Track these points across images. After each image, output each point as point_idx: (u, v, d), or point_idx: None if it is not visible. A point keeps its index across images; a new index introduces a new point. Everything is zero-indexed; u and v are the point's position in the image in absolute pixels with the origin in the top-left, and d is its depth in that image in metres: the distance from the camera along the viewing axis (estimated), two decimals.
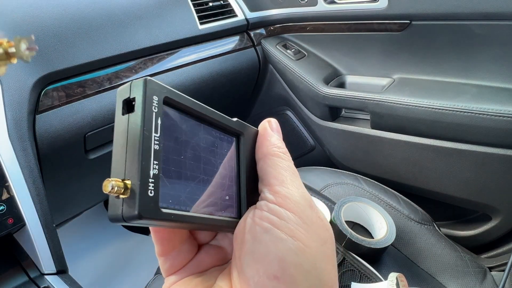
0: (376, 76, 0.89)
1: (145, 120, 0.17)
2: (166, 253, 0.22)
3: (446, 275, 0.63)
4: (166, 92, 0.18)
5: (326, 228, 0.21)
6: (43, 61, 0.62)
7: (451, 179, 0.78)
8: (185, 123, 0.20)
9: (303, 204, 0.20)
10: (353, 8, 0.83)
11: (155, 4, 0.80)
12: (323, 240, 0.20)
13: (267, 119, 0.25)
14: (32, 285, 0.55)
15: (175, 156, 0.19)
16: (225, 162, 0.22)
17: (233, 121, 0.23)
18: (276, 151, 0.22)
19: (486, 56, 0.71)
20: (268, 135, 0.24)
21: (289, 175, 0.21)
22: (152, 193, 0.16)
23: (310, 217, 0.20)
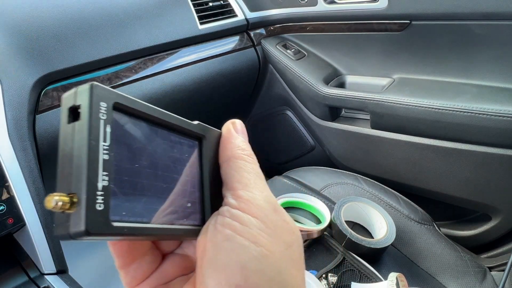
0: (376, 76, 0.89)
1: (91, 128, 0.16)
2: (126, 265, 0.21)
3: (446, 275, 0.63)
4: (115, 98, 0.17)
5: (291, 231, 0.21)
6: (43, 61, 0.62)
7: (451, 179, 0.78)
8: (139, 129, 0.19)
9: (266, 208, 0.20)
10: (353, 8, 0.83)
11: (155, 4, 0.80)
12: (288, 244, 0.20)
13: (231, 120, 0.24)
14: (32, 285, 0.55)
15: (129, 165, 0.17)
16: (186, 168, 0.21)
17: (194, 124, 0.22)
18: (240, 154, 0.22)
19: (486, 56, 0.71)
20: (232, 137, 0.23)
21: (253, 178, 0.21)
22: (102, 206, 0.15)
23: (274, 221, 0.20)
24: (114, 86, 0.71)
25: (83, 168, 0.15)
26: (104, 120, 0.16)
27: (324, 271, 0.59)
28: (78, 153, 0.16)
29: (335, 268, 0.60)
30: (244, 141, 0.23)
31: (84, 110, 0.16)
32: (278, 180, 0.83)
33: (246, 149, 0.22)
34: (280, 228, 0.20)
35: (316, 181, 0.82)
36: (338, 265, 0.61)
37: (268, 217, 0.19)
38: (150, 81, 0.77)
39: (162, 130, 0.20)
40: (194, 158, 0.22)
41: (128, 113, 0.18)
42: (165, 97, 0.80)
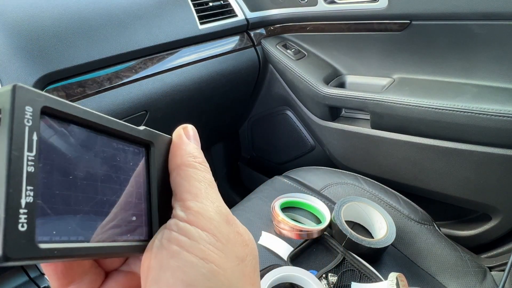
0: (376, 76, 0.89)
1: (13, 136, 0.13)
2: (63, 287, 0.19)
3: (446, 275, 0.63)
4: (43, 101, 0.15)
5: (245, 243, 0.19)
6: (43, 61, 0.62)
7: (451, 179, 0.78)
8: (74, 136, 0.17)
9: (218, 219, 0.18)
10: (353, 8, 0.83)
11: (155, 4, 0.80)
12: (241, 258, 0.18)
13: (183, 125, 0.22)
14: (32, 285, 0.55)
15: (60, 177, 0.15)
16: (131, 178, 0.19)
17: (139, 130, 0.20)
18: (190, 161, 0.20)
19: (486, 56, 0.71)
20: (183, 143, 0.21)
21: (204, 187, 0.19)
22: (25, 226, 0.13)
23: (226, 233, 0.18)
24: (114, 86, 0.71)
25: (2, 182, 0.13)
26: (29, 126, 0.14)
27: (324, 271, 0.59)
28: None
29: (335, 268, 0.60)
30: (196, 148, 0.21)
31: (5, 115, 0.14)
32: (278, 180, 0.83)
33: (197, 156, 0.21)
34: (233, 241, 0.18)
35: (316, 181, 0.82)
36: (338, 265, 0.61)
37: (220, 229, 0.18)
38: (150, 81, 0.77)
39: (102, 136, 0.18)
40: (141, 166, 0.20)
41: (60, 118, 0.16)
42: (165, 97, 0.80)
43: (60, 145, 0.16)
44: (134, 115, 0.75)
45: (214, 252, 0.17)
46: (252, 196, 0.79)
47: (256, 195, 0.79)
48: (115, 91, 0.71)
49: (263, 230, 0.68)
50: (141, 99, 0.75)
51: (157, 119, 0.81)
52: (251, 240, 0.20)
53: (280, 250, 0.63)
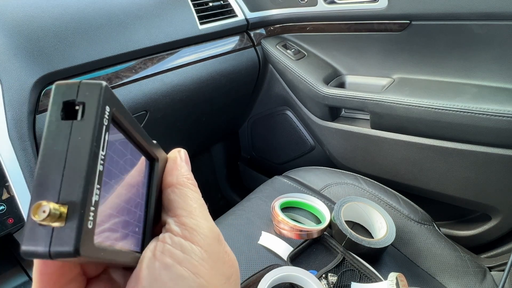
0: (376, 76, 0.89)
1: (95, 132, 0.14)
2: None
3: (446, 275, 0.63)
4: (117, 104, 0.16)
5: (231, 263, 0.20)
6: (43, 61, 0.62)
7: (451, 179, 0.78)
8: (120, 142, 0.17)
9: (210, 237, 0.19)
10: (353, 8, 0.83)
11: (155, 4, 0.80)
12: (227, 277, 0.19)
13: (177, 149, 0.24)
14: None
15: (109, 180, 0.16)
16: (138, 187, 0.20)
17: (154, 144, 0.21)
18: (185, 182, 0.21)
19: (486, 56, 0.71)
20: (179, 164, 0.22)
21: (198, 207, 0.20)
22: (91, 224, 0.14)
23: (216, 252, 0.19)
24: (114, 86, 0.71)
25: (80, 175, 0.13)
26: (105, 126, 0.15)
27: (324, 271, 0.59)
28: (75, 158, 0.13)
29: (335, 268, 0.60)
30: (188, 171, 0.23)
31: (92, 111, 0.14)
32: (278, 180, 0.83)
33: (190, 178, 0.22)
34: (222, 260, 0.19)
35: (316, 181, 0.82)
36: (338, 265, 0.61)
37: (211, 247, 0.19)
38: (150, 81, 0.77)
39: (133, 145, 0.19)
40: (145, 178, 0.21)
41: (117, 122, 0.16)
42: (165, 97, 0.80)
43: (114, 148, 0.16)
44: (134, 115, 0.75)
45: (205, 267, 0.18)
46: (252, 196, 0.79)
47: (256, 195, 0.79)
48: (115, 91, 0.71)
49: (263, 230, 0.68)
50: (141, 99, 0.75)
51: (157, 119, 0.81)
52: (236, 261, 0.21)
53: (280, 250, 0.63)
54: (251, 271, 0.59)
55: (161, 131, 0.88)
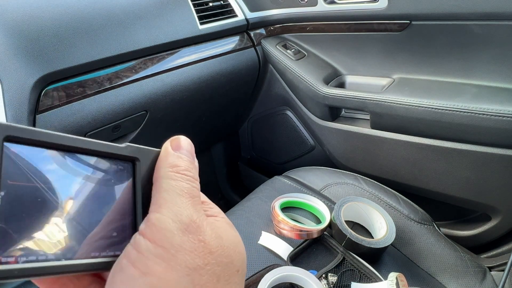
0: (376, 76, 0.89)
1: None
2: None
3: (446, 275, 0.63)
4: (5, 130, 0.15)
5: (208, 251, 0.18)
6: (43, 61, 0.62)
7: (451, 179, 0.78)
8: (45, 161, 0.17)
9: (172, 229, 0.18)
10: (353, 8, 0.83)
11: (155, 4, 0.80)
12: (193, 268, 0.18)
13: (173, 137, 0.23)
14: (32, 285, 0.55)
15: (29, 201, 0.16)
16: (114, 194, 0.20)
17: (120, 147, 0.20)
18: (167, 172, 0.20)
19: (486, 56, 0.71)
20: (167, 155, 0.21)
21: (171, 197, 0.19)
22: None
23: (178, 243, 0.18)
24: (114, 86, 0.71)
25: None
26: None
27: (324, 271, 0.59)
28: None
29: (335, 268, 0.60)
30: (179, 157, 0.21)
31: None
32: (278, 180, 0.83)
33: (179, 165, 0.21)
34: (187, 250, 0.18)
35: (316, 181, 0.82)
36: (338, 265, 0.61)
37: (171, 239, 0.18)
38: (150, 81, 0.77)
39: (78, 158, 0.19)
40: (125, 183, 0.21)
41: (30, 144, 0.17)
42: (165, 97, 0.80)
43: (28, 171, 0.16)
44: (134, 115, 0.75)
45: (158, 264, 0.17)
46: (252, 196, 0.79)
47: (256, 195, 0.79)
48: (115, 91, 0.71)
49: (263, 230, 0.68)
50: (141, 99, 0.75)
51: (157, 119, 0.81)
52: (219, 248, 0.19)
53: (280, 250, 0.63)
54: (251, 271, 0.59)
55: (161, 131, 0.88)
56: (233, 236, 0.21)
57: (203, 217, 0.20)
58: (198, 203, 0.20)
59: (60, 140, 0.18)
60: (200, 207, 0.20)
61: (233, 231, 0.22)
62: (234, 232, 0.22)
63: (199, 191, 0.21)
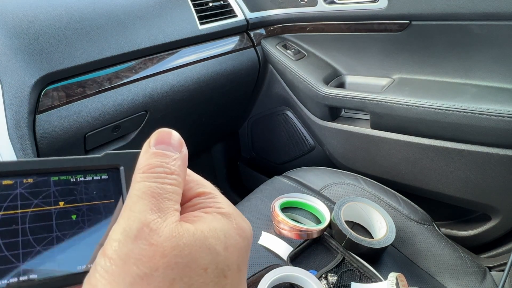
0: (375, 76, 0.89)
1: None
2: None
3: (446, 275, 0.63)
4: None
5: (160, 255, 0.17)
6: (43, 61, 0.62)
7: (451, 179, 0.78)
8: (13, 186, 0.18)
9: (119, 238, 0.17)
10: (353, 8, 0.83)
11: (155, 4, 0.80)
12: (142, 275, 0.16)
13: (154, 132, 0.21)
14: None
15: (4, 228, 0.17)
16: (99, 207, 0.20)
17: (97, 158, 0.20)
18: (136, 175, 0.19)
19: (486, 56, 0.71)
20: (142, 154, 0.20)
21: (131, 203, 0.18)
22: None
23: (125, 252, 0.16)
24: (114, 86, 0.71)
25: None
26: None
27: (324, 271, 0.59)
28: None
29: (335, 268, 0.60)
30: (154, 154, 0.20)
31: None
32: (278, 180, 0.83)
33: (150, 163, 0.19)
34: (135, 258, 0.16)
35: (316, 181, 0.82)
36: (338, 265, 0.61)
37: (118, 250, 0.17)
38: (150, 81, 0.77)
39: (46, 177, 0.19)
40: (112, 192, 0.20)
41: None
42: (165, 97, 0.80)
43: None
44: (134, 115, 0.75)
45: (103, 277, 0.16)
46: (252, 196, 0.79)
47: (256, 195, 0.79)
48: (115, 91, 0.71)
49: (263, 230, 0.68)
50: (141, 99, 0.75)
51: (157, 119, 0.81)
52: (177, 246, 0.17)
53: (280, 250, 0.63)
54: (251, 271, 0.59)
55: None
56: (206, 230, 0.18)
57: (165, 216, 0.18)
58: (164, 200, 0.18)
59: (28, 166, 0.18)
60: (165, 206, 0.18)
61: (218, 222, 0.19)
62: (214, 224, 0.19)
63: (172, 186, 0.19)
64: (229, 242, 0.19)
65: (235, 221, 0.20)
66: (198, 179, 0.22)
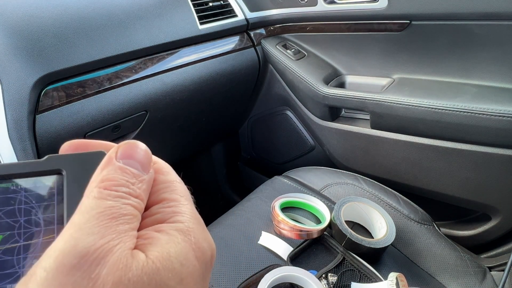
0: (376, 76, 0.89)
1: None
2: None
3: (446, 275, 0.63)
4: None
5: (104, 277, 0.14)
6: (43, 61, 0.62)
7: (451, 179, 0.78)
8: None
9: (52, 264, 0.14)
10: (353, 8, 0.83)
11: (155, 4, 0.80)
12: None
13: (124, 142, 0.18)
14: None
15: None
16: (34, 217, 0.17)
17: (39, 162, 0.18)
18: (94, 188, 0.16)
19: (486, 56, 0.71)
20: (105, 165, 0.17)
21: (82, 220, 0.15)
22: None
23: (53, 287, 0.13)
24: (114, 86, 0.71)
25: None
26: None
27: (324, 271, 0.59)
28: None
29: (335, 268, 0.60)
30: (121, 169, 0.17)
31: None
32: (278, 180, 0.83)
33: (113, 179, 0.17)
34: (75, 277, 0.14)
35: (316, 181, 0.82)
36: (338, 265, 0.61)
37: (44, 281, 0.13)
38: (150, 81, 0.77)
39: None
40: (51, 203, 0.18)
41: None
42: (165, 97, 0.80)
43: None
44: (134, 115, 0.75)
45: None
46: (252, 196, 0.79)
47: (256, 195, 0.79)
48: (115, 91, 0.71)
49: (263, 230, 0.68)
50: (141, 99, 0.75)
51: (157, 119, 0.81)
52: (117, 284, 0.14)
53: (280, 250, 0.63)
54: (251, 271, 0.59)
55: (161, 131, 0.88)
56: (158, 260, 0.15)
57: (117, 241, 0.15)
58: (120, 223, 0.15)
59: None
60: (121, 228, 0.15)
61: (173, 245, 0.16)
62: (169, 249, 0.16)
63: (135, 209, 0.16)
64: (185, 271, 0.16)
65: (194, 240, 0.17)
66: (171, 181, 0.19)
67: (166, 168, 0.20)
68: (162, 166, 0.20)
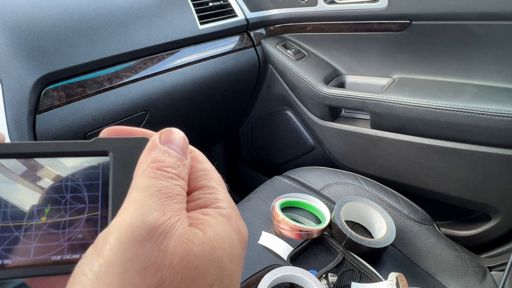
0: (376, 76, 0.89)
1: None
2: None
3: (446, 275, 0.63)
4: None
5: (160, 267, 0.14)
6: (43, 61, 0.62)
7: (451, 179, 0.78)
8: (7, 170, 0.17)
9: (123, 235, 0.15)
10: (353, 8, 0.83)
11: (155, 4, 0.80)
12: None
13: (164, 129, 0.20)
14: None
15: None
16: (85, 195, 0.18)
17: (86, 143, 0.19)
18: (147, 169, 0.17)
19: (486, 56, 0.71)
20: (152, 148, 0.18)
21: (143, 198, 0.16)
22: None
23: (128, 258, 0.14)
24: (114, 86, 0.71)
25: None
26: None
27: (324, 271, 0.59)
28: None
29: (335, 268, 0.60)
30: (166, 152, 0.18)
31: None
32: (278, 180, 0.83)
33: (163, 160, 0.18)
34: (135, 268, 0.14)
35: (316, 181, 0.82)
36: (338, 265, 0.61)
37: (120, 253, 0.14)
38: (150, 81, 0.77)
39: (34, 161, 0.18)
40: (99, 179, 0.19)
41: None
42: (166, 97, 0.80)
43: None
44: (134, 115, 0.75)
45: (94, 286, 0.14)
46: (252, 196, 0.79)
47: (256, 195, 0.79)
48: (115, 91, 0.71)
49: (263, 230, 0.68)
50: (141, 99, 0.75)
51: (157, 119, 0.81)
52: (187, 256, 0.15)
53: (280, 250, 0.63)
54: (251, 271, 0.59)
55: None
56: (214, 239, 0.16)
57: (176, 218, 0.16)
58: (175, 202, 0.17)
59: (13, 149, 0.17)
60: (177, 207, 0.16)
61: (222, 228, 0.17)
62: (220, 231, 0.17)
63: (183, 190, 0.18)
64: (233, 252, 0.17)
65: (235, 225, 0.18)
66: (208, 169, 0.20)
67: (201, 156, 0.21)
68: (198, 155, 0.21)
